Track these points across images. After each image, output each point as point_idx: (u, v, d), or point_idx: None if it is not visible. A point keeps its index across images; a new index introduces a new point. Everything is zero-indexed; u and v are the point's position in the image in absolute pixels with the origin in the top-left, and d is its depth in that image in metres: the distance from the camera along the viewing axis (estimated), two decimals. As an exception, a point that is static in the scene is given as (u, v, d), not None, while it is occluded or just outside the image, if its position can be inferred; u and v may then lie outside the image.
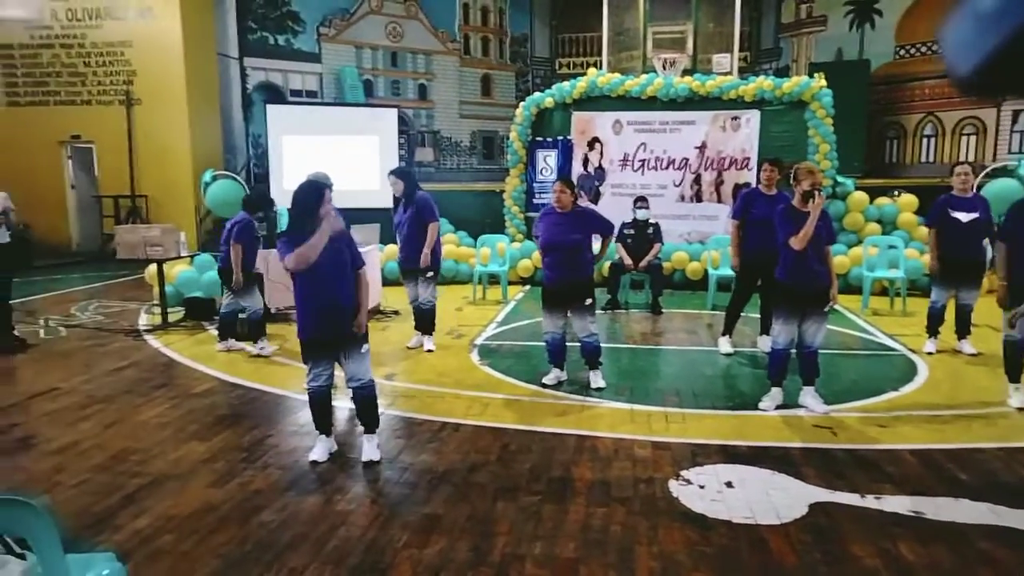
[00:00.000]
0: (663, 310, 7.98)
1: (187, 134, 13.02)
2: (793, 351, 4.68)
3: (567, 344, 5.33)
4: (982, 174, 9.55)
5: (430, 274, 6.20)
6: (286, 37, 14.94)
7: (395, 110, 12.39)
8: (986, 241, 5.86)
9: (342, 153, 11.23)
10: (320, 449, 3.96)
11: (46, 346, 6.71)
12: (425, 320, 6.35)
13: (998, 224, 5.18)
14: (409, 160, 16.29)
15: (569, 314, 5.19)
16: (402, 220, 6.13)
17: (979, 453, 3.92)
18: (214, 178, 9.17)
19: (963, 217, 5.72)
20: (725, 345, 6.18)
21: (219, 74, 14.09)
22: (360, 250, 4.04)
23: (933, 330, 6.08)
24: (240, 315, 6.40)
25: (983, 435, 4.19)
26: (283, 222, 7.88)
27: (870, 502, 3.34)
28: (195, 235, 12.41)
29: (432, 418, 4.59)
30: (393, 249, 7.30)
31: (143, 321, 7.70)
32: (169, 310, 7.51)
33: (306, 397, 4.06)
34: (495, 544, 3.02)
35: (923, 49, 14.88)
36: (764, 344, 5.91)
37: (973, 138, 14.29)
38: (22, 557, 1.88)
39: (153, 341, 6.78)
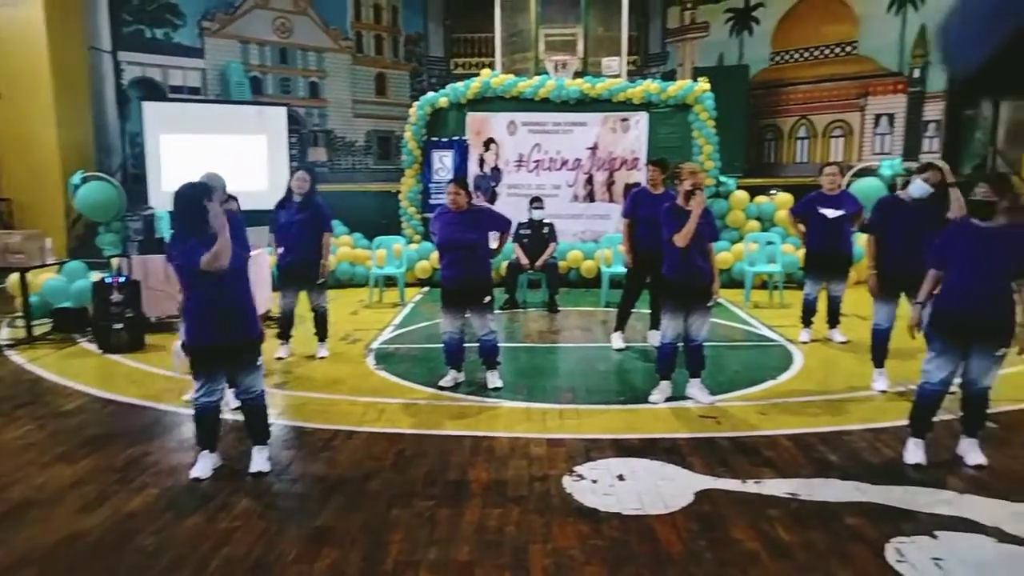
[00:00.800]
0: (559, 308, 8.10)
1: (54, 132, 12.07)
2: (680, 345, 4.85)
3: (465, 345, 5.32)
4: (849, 173, 10.26)
5: (322, 280, 6.04)
6: (164, 31, 14.16)
7: (284, 108, 11.98)
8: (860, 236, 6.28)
9: (228, 153, 10.75)
10: (203, 465, 3.76)
11: None
12: (321, 326, 6.18)
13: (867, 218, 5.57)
14: (301, 160, 15.81)
15: (468, 313, 5.19)
16: (292, 221, 5.90)
17: (847, 435, 4.19)
18: (84, 179, 8.56)
19: (829, 213, 6.13)
20: (617, 341, 6.34)
21: (91, 68, 13.17)
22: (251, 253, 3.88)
23: (807, 320, 6.47)
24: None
25: (851, 418, 4.49)
26: (163, 225, 7.47)
27: (750, 487, 3.50)
28: (65, 241, 11.55)
29: (325, 426, 4.46)
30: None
31: (4, 335, 7.09)
32: (34, 323, 6.94)
33: (188, 410, 3.84)
34: (388, 552, 2.96)
35: (796, 56, 15.83)
36: (654, 339, 6.10)
37: (841, 140, 15.34)
38: None
39: (16, 357, 6.25)
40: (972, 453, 3.74)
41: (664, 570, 2.81)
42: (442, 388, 5.18)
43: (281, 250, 5.91)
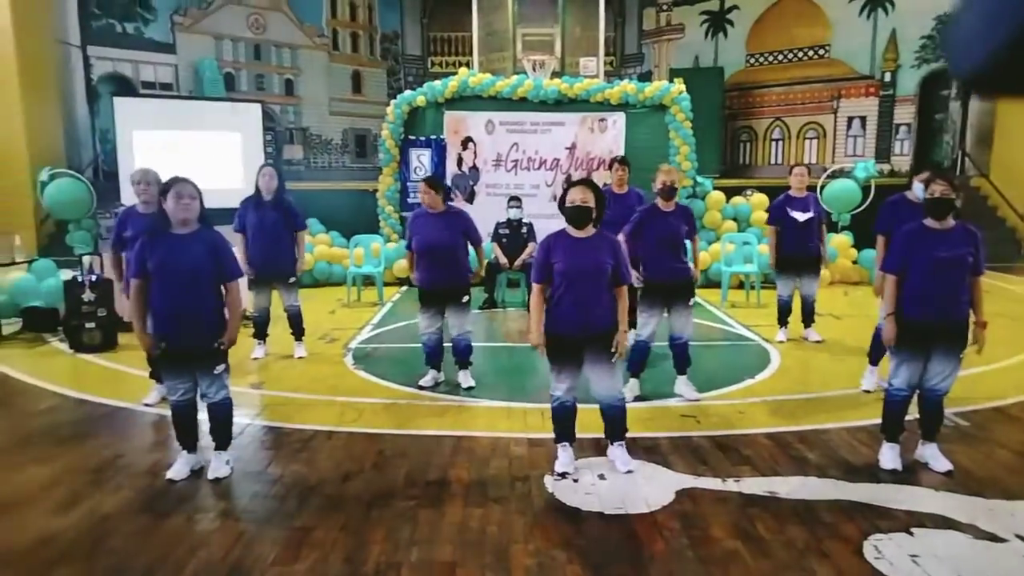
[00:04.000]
0: (538, 308, 8.10)
1: (22, 128, 11.80)
2: (654, 344, 4.88)
3: (445, 345, 5.30)
4: (824, 175, 10.40)
5: (293, 279, 5.98)
6: (135, 25, 13.94)
7: (259, 105, 11.84)
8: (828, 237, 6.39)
9: (201, 150, 10.60)
10: (180, 466, 3.70)
11: None
12: (295, 325, 6.12)
13: (836, 220, 5.64)
14: (276, 158, 15.66)
15: (446, 314, 5.16)
16: (263, 220, 5.81)
17: (824, 433, 4.24)
18: (52, 177, 8.37)
19: (799, 216, 6.24)
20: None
21: (59, 63, 12.91)
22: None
23: (782, 320, 6.55)
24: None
25: (828, 416, 4.55)
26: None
27: (730, 485, 3.53)
28: (35, 238, 11.30)
29: (303, 427, 4.41)
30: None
31: (-29, 335, 6.92)
32: (4, 322, 6.78)
33: (163, 410, 3.78)
34: (370, 553, 2.93)
35: (770, 58, 16.01)
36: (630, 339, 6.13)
37: (815, 141, 15.55)
38: None
39: (-17, 357, 6.11)
40: (938, 460, 3.70)
41: (646, 569, 2.82)
42: (422, 388, 5.15)
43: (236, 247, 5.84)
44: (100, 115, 13.29)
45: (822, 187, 9.82)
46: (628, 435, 3.83)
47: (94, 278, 6.35)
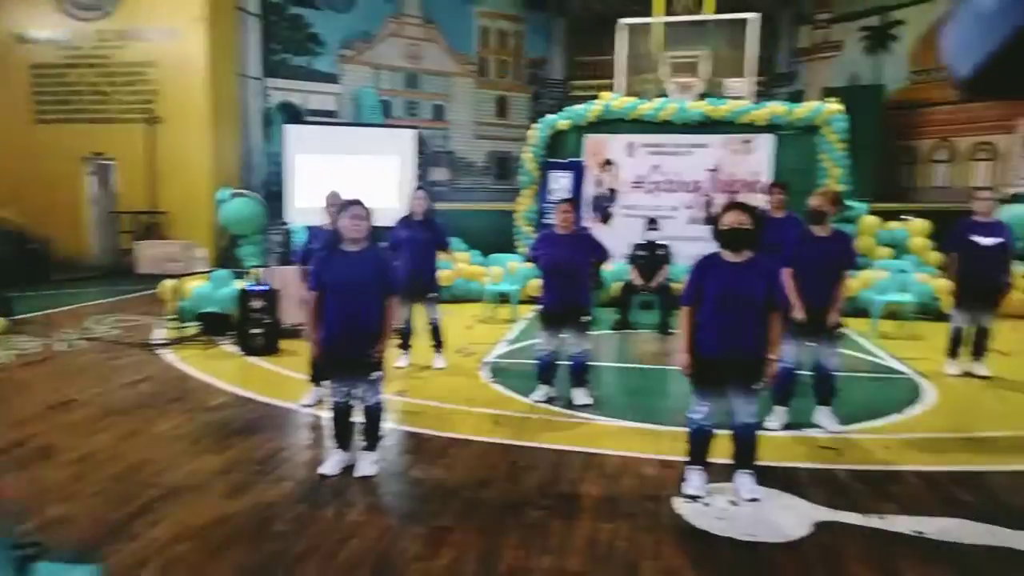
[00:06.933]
0: (672, 331, 8.02)
1: (208, 152, 13.26)
2: (799, 372, 4.73)
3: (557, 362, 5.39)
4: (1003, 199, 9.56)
5: (434, 294, 6.31)
6: (307, 59, 15.26)
7: (414, 131, 12.59)
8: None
9: (360, 172, 11.41)
10: (332, 463, 4.03)
11: (63, 358, 6.85)
12: (436, 337, 6.44)
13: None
14: (425, 180, 16.49)
15: (564, 333, 5.26)
16: (412, 238, 6.18)
17: (983, 476, 3.93)
18: (230, 196, 9.36)
19: (984, 241, 5.76)
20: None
21: (240, 94, 14.37)
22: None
23: (953, 352, 6.08)
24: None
25: (988, 458, 4.21)
26: (299, 239, 8.03)
27: (873, 522, 3.37)
28: (213, 251, 12.59)
29: (442, 434, 4.66)
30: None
31: (158, 335, 7.83)
32: (184, 325, 7.64)
33: (317, 411, 4.13)
34: (503, 557, 3.08)
35: (937, 75, 14.92)
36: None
37: (986, 164, 14.29)
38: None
39: (168, 355, 6.90)
40: None
41: (778, 599, 2.76)
42: (536, 403, 5.27)
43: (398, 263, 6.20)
44: (271, 140, 14.63)
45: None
46: (764, 463, 3.75)
47: (263, 289, 7.02)
